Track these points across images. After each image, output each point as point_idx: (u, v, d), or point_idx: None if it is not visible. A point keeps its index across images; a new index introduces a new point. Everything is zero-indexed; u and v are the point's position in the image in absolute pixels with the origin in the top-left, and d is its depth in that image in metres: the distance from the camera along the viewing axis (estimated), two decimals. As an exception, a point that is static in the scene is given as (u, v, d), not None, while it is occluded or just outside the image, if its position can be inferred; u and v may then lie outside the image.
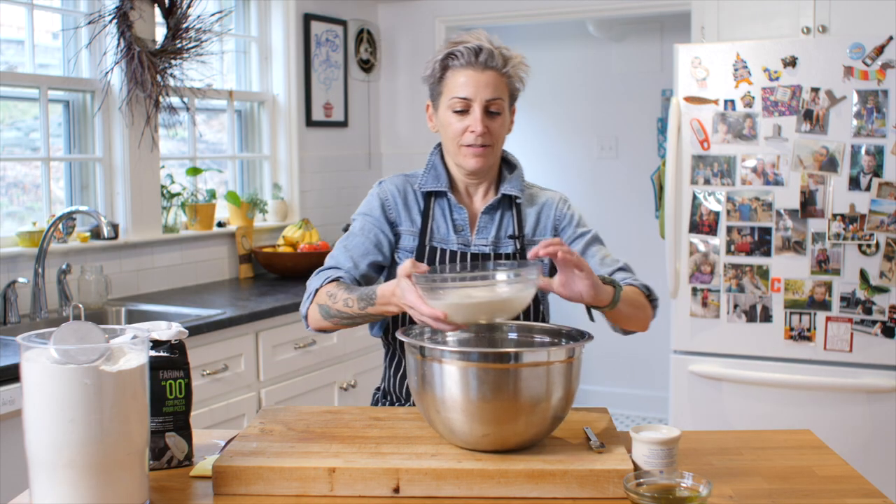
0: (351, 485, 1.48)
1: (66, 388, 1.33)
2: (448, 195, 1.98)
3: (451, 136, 1.92)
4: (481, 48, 1.87)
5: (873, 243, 3.26)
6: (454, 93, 1.89)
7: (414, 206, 2.00)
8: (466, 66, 1.88)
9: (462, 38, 1.92)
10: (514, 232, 1.97)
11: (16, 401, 2.40)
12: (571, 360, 1.56)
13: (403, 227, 1.99)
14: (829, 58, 3.27)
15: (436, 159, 2.01)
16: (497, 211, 1.98)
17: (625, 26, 5.28)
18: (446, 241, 1.97)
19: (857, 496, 1.48)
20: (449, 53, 1.90)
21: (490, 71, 1.88)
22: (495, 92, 1.89)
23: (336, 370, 3.68)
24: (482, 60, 1.87)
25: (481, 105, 1.88)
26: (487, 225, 1.98)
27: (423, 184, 1.99)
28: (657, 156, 5.22)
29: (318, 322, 1.91)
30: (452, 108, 1.90)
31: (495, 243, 1.97)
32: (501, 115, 1.92)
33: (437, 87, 1.94)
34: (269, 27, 4.37)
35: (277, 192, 4.40)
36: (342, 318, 1.84)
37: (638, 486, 1.42)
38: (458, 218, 1.98)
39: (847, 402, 3.33)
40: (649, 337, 5.23)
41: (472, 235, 1.97)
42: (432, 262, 1.96)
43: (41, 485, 1.37)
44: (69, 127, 3.52)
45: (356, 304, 1.81)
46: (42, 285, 3.11)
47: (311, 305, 1.91)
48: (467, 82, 1.88)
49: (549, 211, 2.01)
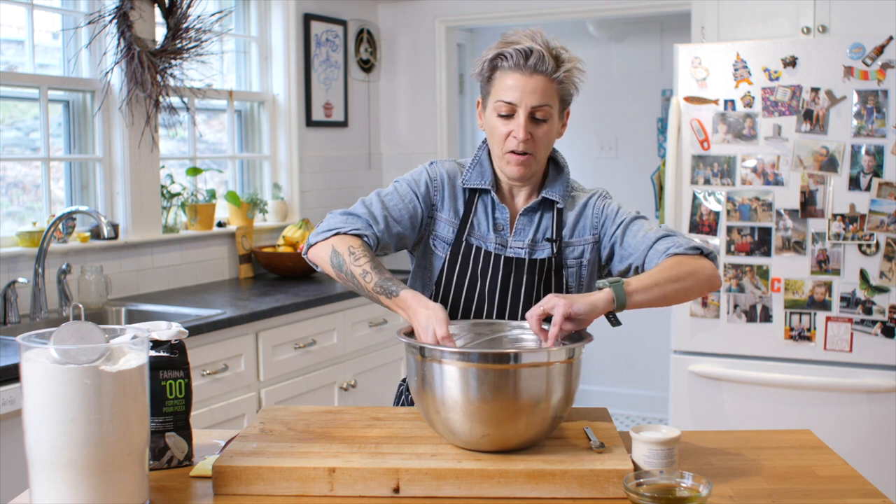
0: (351, 485, 1.48)
1: (66, 388, 1.33)
2: (491, 193, 1.94)
3: (496, 139, 1.88)
4: (532, 50, 1.81)
5: (873, 243, 3.26)
6: (500, 96, 1.84)
7: (460, 196, 1.95)
8: (514, 68, 1.82)
9: (515, 36, 1.85)
10: (552, 235, 1.93)
11: (16, 401, 2.40)
12: (571, 360, 1.56)
13: (443, 215, 1.94)
14: (829, 58, 3.27)
15: (483, 155, 1.97)
16: (536, 213, 1.94)
17: (625, 26, 5.28)
18: (485, 239, 1.93)
19: (857, 496, 1.48)
20: (499, 54, 1.84)
21: (539, 76, 1.82)
22: (543, 98, 1.83)
23: (336, 370, 3.68)
24: (531, 64, 1.81)
25: (526, 111, 1.83)
26: (525, 227, 1.93)
27: (467, 179, 1.94)
28: (657, 156, 5.22)
29: (322, 261, 1.84)
30: (497, 111, 1.85)
31: (531, 246, 1.92)
32: (548, 121, 1.86)
33: (485, 87, 1.90)
34: (269, 27, 4.37)
35: (277, 192, 4.40)
36: (350, 280, 1.79)
37: (638, 486, 1.42)
38: (499, 216, 1.94)
39: (847, 402, 3.33)
40: (649, 337, 5.26)
41: (510, 235, 1.94)
42: (468, 259, 1.92)
43: (41, 485, 1.37)
44: (69, 127, 3.52)
45: (373, 285, 1.76)
46: (42, 285, 3.11)
47: (323, 242, 1.85)
48: (514, 86, 1.82)
49: (587, 212, 1.95)
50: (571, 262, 1.93)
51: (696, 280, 1.80)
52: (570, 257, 1.93)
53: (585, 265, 1.93)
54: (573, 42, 5.44)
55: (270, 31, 4.38)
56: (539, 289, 1.90)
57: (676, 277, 1.78)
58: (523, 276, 1.90)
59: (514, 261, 1.91)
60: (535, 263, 1.91)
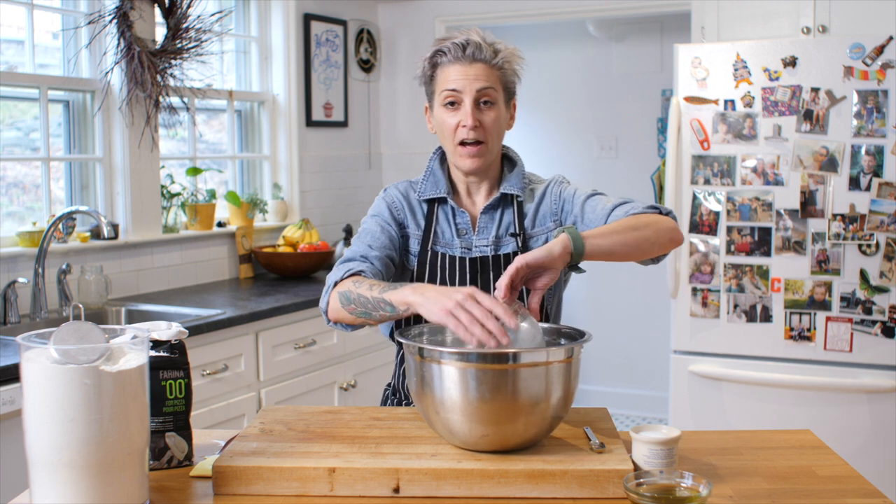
0: (351, 485, 1.48)
1: (66, 388, 1.33)
2: (448, 200, 1.97)
3: (447, 133, 1.91)
4: (468, 41, 1.87)
5: (873, 243, 3.26)
6: (445, 86, 1.89)
7: (418, 211, 1.99)
8: (454, 61, 1.87)
9: (450, 34, 1.91)
10: (515, 230, 1.96)
11: (16, 401, 2.40)
12: (570, 360, 1.56)
13: (410, 230, 1.98)
14: (829, 58, 3.27)
15: (434, 164, 2.01)
16: (497, 210, 1.97)
17: (625, 26, 5.28)
18: (450, 245, 1.96)
19: (857, 496, 1.48)
20: (437, 51, 1.89)
21: (479, 63, 1.87)
22: (486, 82, 1.87)
23: (336, 370, 3.68)
24: (470, 53, 1.86)
25: (472, 97, 1.86)
26: (488, 224, 1.97)
27: (422, 192, 1.98)
28: (657, 156, 5.22)
29: (337, 311, 1.82)
30: (443, 101, 1.89)
31: (496, 243, 1.96)
32: (495, 105, 1.89)
33: (429, 87, 1.94)
34: (269, 27, 4.37)
35: (277, 192, 4.40)
36: (360, 303, 1.75)
37: (638, 486, 1.42)
38: (460, 221, 1.97)
39: (847, 402, 3.33)
40: (649, 337, 5.26)
41: (474, 236, 1.97)
42: (435, 266, 1.95)
43: (41, 485, 1.37)
44: (69, 127, 3.52)
45: (378, 290, 1.72)
46: (42, 285, 3.11)
47: (331, 297, 1.84)
48: (457, 76, 1.87)
49: (546, 199, 1.98)
50: None
51: (656, 229, 1.79)
52: (535, 248, 1.94)
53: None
54: (573, 42, 5.44)
55: (270, 31, 4.38)
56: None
57: (635, 226, 1.77)
58: (490, 273, 1.93)
59: (478, 260, 1.94)
60: (499, 259, 1.94)
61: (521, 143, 5.53)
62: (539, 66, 5.49)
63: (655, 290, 5.05)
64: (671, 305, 3.56)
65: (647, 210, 1.84)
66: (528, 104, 5.53)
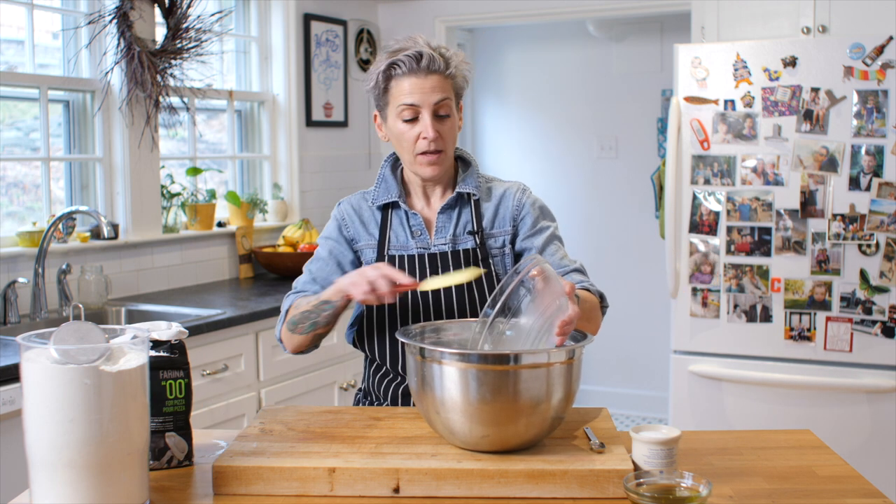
0: (351, 485, 1.48)
1: (66, 388, 1.33)
2: (400, 204, 2.01)
3: (406, 145, 1.94)
4: (422, 54, 1.89)
5: (873, 243, 3.26)
6: (401, 100, 1.91)
7: (371, 221, 2.03)
8: (409, 73, 1.89)
9: (399, 45, 1.93)
10: (473, 227, 1.99)
11: (16, 401, 2.40)
12: (571, 361, 1.56)
13: (362, 243, 2.03)
14: (829, 58, 3.27)
15: (386, 171, 2.05)
16: (454, 209, 2.01)
17: (625, 26, 5.28)
18: (405, 248, 2.00)
19: (857, 496, 1.48)
20: (391, 63, 1.90)
21: (434, 75, 1.90)
22: (442, 93, 1.90)
23: (336, 370, 3.69)
24: (424, 66, 1.89)
25: (430, 110, 1.90)
26: (445, 224, 2.00)
27: (375, 199, 2.03)
28: (657, 156, 5.22)
29: (289, 339, 1.98)
30: (402, 117, 1.92)
31: (454, 241, 1.99)
32: (450, 116, 1.94)
33: (383, 98, 1.95)
34: (269, 27, 4.37)
35: (277, 192, 4.40)
36: (302, 320, 1.90)
37: (638, 486, 1.42)
38: (414, 224, 2.00)
39: (847, 402, 3.33)
40: (649, 337, 5.26)
41: (431, 237, 2.00)
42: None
43: (41, 485, 1.37)
44: (69, 127, 3.52)
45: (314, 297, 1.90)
46: (42, 285, 3.11)
47: (282, 332, 1.99)
48: (413, 90, 1.89)
49: (507, 202, 2.02)
50: (496, 251, 2.00)
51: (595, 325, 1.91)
52: (494, 247, 2.00)
53: (508, 253, 2.01)
54: (573, 42, 5.44)
55: (270, 31, 4.38)
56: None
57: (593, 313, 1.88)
58: (450, 268, 1.96)
59: (437, 256, 1.98)
60: (458, 254, 1.97)
61: (522, 143, 5.54)
62: (539, 66, 5.49)
63: (655, 290, 5.05)
64: (671, 305, 3.56)
65: (596, 295, 1.93)
66: (528, 104, 5.54)
